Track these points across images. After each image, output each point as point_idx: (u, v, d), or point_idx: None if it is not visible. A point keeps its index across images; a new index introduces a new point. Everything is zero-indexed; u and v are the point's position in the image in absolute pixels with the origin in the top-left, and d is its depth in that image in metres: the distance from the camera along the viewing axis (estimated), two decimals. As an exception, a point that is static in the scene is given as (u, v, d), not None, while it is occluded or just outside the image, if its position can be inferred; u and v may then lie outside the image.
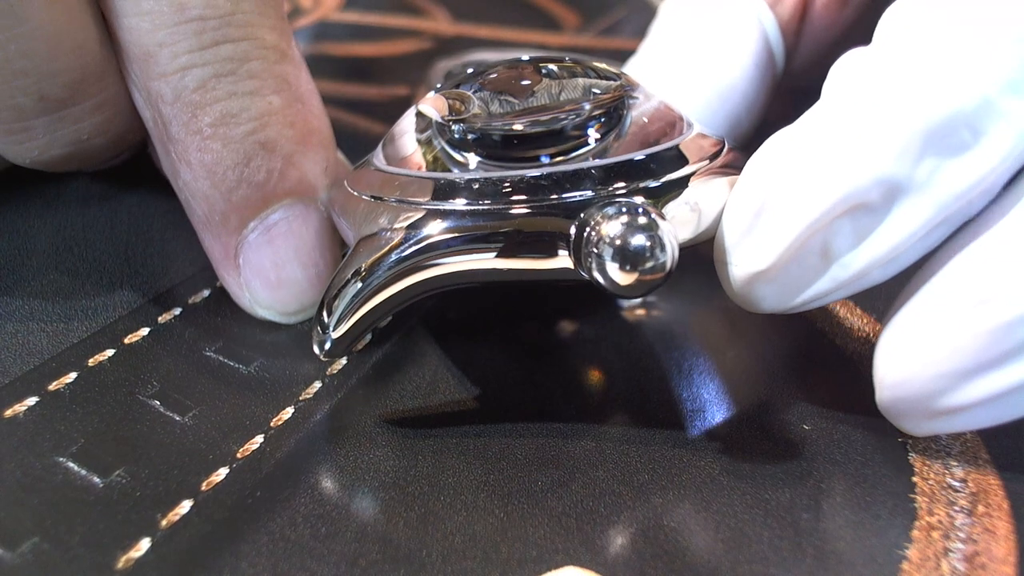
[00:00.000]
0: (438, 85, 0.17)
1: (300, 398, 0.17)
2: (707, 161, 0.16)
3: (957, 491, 0.15)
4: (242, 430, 0.16)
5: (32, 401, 0.16)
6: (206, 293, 0.19)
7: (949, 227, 0.14)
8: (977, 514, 0.15)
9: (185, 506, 0.14)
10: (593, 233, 0.14)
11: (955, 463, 0.16)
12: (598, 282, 0.14)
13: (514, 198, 0.14)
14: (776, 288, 0.15)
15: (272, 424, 0.16)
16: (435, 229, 0.15)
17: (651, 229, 0.14)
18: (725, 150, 0.16)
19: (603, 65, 0.17)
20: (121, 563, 0.13)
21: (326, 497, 0.15)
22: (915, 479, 0.15)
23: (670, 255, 0.14)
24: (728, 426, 0.17)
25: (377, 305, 0.15)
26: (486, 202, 0.15)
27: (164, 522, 0.14)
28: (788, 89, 0.23)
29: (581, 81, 0.16)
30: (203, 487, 0.15)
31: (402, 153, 0.16)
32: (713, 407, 0.17)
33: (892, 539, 0.14)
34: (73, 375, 0.17)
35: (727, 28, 0.21)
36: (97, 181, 0.23)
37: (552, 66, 0.17)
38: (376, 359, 0.18)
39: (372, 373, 0.18)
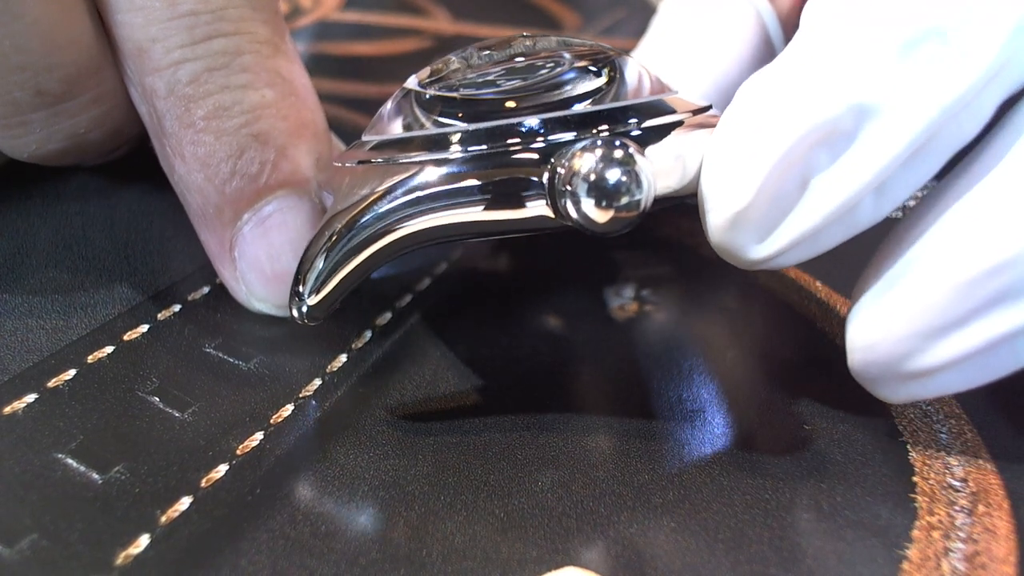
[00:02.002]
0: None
1: (300, 395, 0.17)
2: (691, 114, 0.15)
3: (957, 491, 0.15)
4: (242, 427, 0.16)
5: (31, 398, 0.16)
6: (205, 290, 0.19)
7: (940, 154, 0.14)
8: (977, 514, 0.15)
9: (185, 503, 0.14)
10: (568, 169, 0.14)
11: (955, 463, 0.16)
12: (574, 220, 0.14)
13: (495, 145, 0.14)
14: (759, 230, 0.14)
15: (272, 421, 0.16)
16: (410, 183, 0.15)
17: (627, 163, 0.13)
18: (711, 111, 0.16)
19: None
20: (120, 559, 0.13)
21: (326, 495, 0.15)
22: (915, 479, 0.15)
23: (647, 191, 0.13)
24: (728, 426, 0.17)
25: (356, 267, 0.15)
26: (467, 151, 0.14)
27: (163, 519, 0.14)
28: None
29: (556, 39, 0.16)
30: (203, 484, 0.15)
31: (387, 124, 0.16)
32: (713, 407, 0.17)
33: (892, 539, 0.14)
34: (72, 372, 0.17)
35: (726, 22, 0.21)
36: (96, 178, 0.23)
37: (526, 33, 0.17)
38: (376, 357, 0.18)
39: (372, 371, 0.18)
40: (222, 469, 0.15)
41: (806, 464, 0.16)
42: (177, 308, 0.19)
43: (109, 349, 0.17)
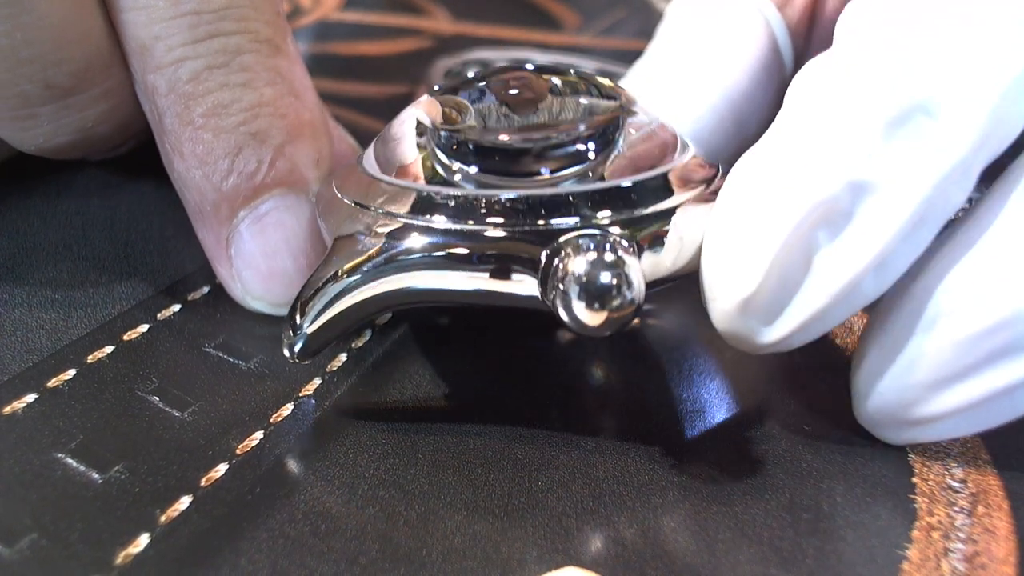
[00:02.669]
0: (436, 87, 0.17)
1: (300, 394, 0.17)
2: (696, 190, 0.15)
3: (957, 491, 0.15)
4: (241, 426, 0.16)
5: (31, 398, 0.16)
6: (205, 289, 0.19)
7: (934, 224, 0.14)
8: (977, 514, 0.15)
9: (184, 502, 0.14)
10: (560, 268, 0.14)
11: (955, 463, 0.16)
12: (563, 320, 0.14)
13: (491, 220, 0.14)
14: (767, 314, 0.15)
15: (272, 420, 0.16)
16: (412, 243, 0.15)
17: (617, 267, 0.13)
18: (718, 176, 0.16)
19: (606, 81, 0.16)
20: (120, 559, 0.13)
21: (326, 494, 0.15)
22: (915, 479, 0.15)
23: (637, 291, 0.13)
24: (728, 426, 0.17)
25: (348, 309, 0.15)
26: (462, 222, 0.14)
27: (163, 518, 0.14)
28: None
29: (580, 100, 0.16)
30: (202, 483, 0.15)
31: (393, 156, 0.16)
32: (713, 408, 0.17)
33: (892, 539, 0.14)
34: (72, 372, 0.17)
35: (734, 31, 0.21)
36: (96, 177, 0.23)
37: (555, 80, 0.16)
38: (376, 357, 0.18)
39: (372, 371, 0.18)
40: (222, 468, 0.15)
41: (806, 464, 0.16)
42: (177, 308, 0.19)
43: (109, 349, 0.17)
